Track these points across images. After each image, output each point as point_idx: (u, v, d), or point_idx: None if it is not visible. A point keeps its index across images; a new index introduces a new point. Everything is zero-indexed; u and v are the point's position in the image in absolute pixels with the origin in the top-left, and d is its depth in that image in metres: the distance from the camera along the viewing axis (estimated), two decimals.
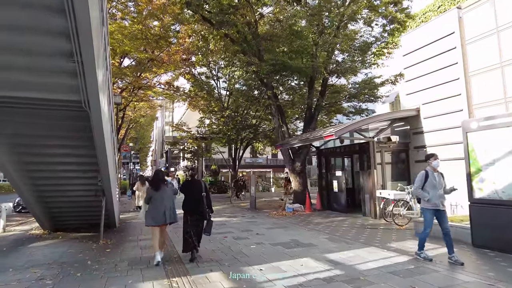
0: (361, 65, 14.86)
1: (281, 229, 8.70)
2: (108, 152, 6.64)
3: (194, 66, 22.47)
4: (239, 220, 10.67)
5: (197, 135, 25.31)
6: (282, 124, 15.04)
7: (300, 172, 14.59)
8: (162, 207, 5.53)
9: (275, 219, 10.69)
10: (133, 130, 43.41)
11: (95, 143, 6.11)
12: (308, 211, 12.03)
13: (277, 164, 36.90)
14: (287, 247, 6.52)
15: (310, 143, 12.67)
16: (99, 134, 5.83)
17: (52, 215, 8.74)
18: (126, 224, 10.60)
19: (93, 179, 7.48)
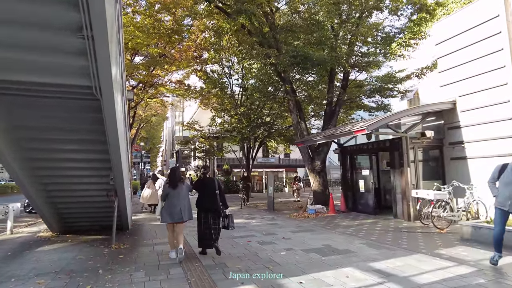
0: (385, 57, 14.02)
1: (307, 233, 7.94)
2: (122, 148, 5.98)
3: (206, 63, 21.91)
4: (259, 222, 9.94)
5: (209, 134, 24.72)
6: (300, 120, 14.27)
7: (320, 172, 13.82)
8: (179, 205, 5.56)
9: (297, 222, 9.92)
10: (144, 130, 43.26)
11: (108, 137, 5.45)
12: (332, 212, 11.23)
13: (290, 164, 36.11)
14: (322, 254, 5.76)
15: (332, 140, 11.87)
16: (111, 126, 5.16)
17: (61, 216, 8.13)
18: (139, 226, 9.96)
19: (105, 177, 6.84)
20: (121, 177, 6.54)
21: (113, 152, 5.86)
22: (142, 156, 32.75)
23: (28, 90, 4.56)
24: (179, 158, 47.25)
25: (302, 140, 12.36)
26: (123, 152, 6.27)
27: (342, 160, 12.11)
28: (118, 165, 6.23)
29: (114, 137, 5.43)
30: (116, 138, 5.47)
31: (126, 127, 7.80)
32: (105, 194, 6.98)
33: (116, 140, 5.52)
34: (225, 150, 24.36)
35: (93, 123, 5.50)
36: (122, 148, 6.14)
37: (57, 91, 4.62)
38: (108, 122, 5.07)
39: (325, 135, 10.53)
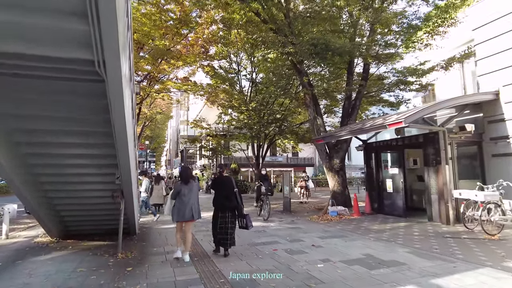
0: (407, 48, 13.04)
1: (338, 239, 7.00)
2: (129, 141, 5.10)
3: (214, 59, 21.07)
4: (278, 226, 9.02)
5: (217, 132, 23.85)
6: (317, 116, 13.32)
7: (339, 170, 12.86)
8: (189, 203, 5.53)
9: (321, 225, 9.00)
10: (148, 128, 42.56)
11: (113, 127, 4.56)
12: (357, 215, 10.28)
13: (298, 163, 35.16)
14: (368, 267, 4.83)
15: (355, 136, 10.91)
16: (118, 114, 4.27)
17: (61, 219, 7.27)
18: (147, 229, 9.09)
19: (110, 176, 5.97)
20: (128, 175, 5.66)
21: (120, 147, 4.98)
22: (147, 155, 31.89)
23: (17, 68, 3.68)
24: (184, 157, 46.50)
25: (322, 136, 11.41)
26: (130, 147, 5.38)
27: (366, 157, 11.15)
28: (125, 162, 5.35)
29: (121, 128, 4.55)
30: (123, 130, 4.59)
31: (134, 119, 6.93)
32: (110, 195, 6.10)
33: (123, 132, 4.64)
34: (232, 148, 23.47)
35: (97, 111, 4.62)
36: (130, 142, 5.26)
37: (52, 68, 3.73)
38: (114, 109, 4.17)
39: (352, 129, 9.57)
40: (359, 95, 13.21)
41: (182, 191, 5.56)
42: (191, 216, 5.55)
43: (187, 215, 5.50)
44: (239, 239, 7.19)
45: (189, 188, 5.61)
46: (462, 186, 8.45)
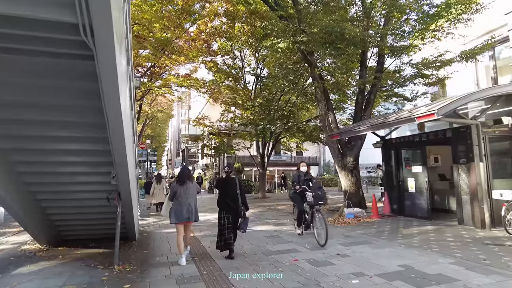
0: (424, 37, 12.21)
1: (364, 246, 6.18)
2: (126, 134, 4.29)
3: (216, 54, 20.32)
4: (293, 230, 8.19)
5: (220, 130, 23.01)
6: (328, 111, 12.50)
7: (353, 169, 12.04)
8: (186, 204, 5.41)
9: (340, 229, 8.17)
10: (149, 127, 41.84)
11: (106, 115, 3.74)
12: (376, 217, 9.45)
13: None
14: (414, 284, 3.99)
15: (373, 132, 10.08)
16: (111, 97, 3.46)
17: (52, 224, 6.47)
18: (148, 234, 8.29)
19: (106, 176, 5.16)
20: (126, 174, 4.85)
21: (114, 139, 4.16)
22: (149, 154, 31.10)
23: None
24: (186, 157, 45.78)
25: (339, 132, 10.56)
26: (128, 141, 4.58)
27: (384, 155, 10.31)
28: (122, 159, 4.54)
29: (115, 116, 3.74)
30: (117, 119, 3.78)
31: (133, 111, 6.12)
32: (105, 198, 5.30)
33: (117, 122, 3.82)
34: (236, 147, 22.63)
35: (88, 96, 3.81)
36: (127, 136, 4.45)
37: (35, 38, 2.92)
38: (106, 91, 3.36)
39: (373, 124, 8.71)
40: (373, 89, 12.37)
41: (179, 192, 5.43)
42: (188, 218, 5.41)
43: (184, 216, 5.36)
44: (250, 246, 6.40)
45: (186, 188, 5.47)
46: (497, 185, 7.61)
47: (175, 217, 5.37)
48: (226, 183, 5.90)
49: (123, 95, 3.86)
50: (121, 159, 4.49)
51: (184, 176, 5.65)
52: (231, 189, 5.76)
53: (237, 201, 5.72)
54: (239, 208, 5.73)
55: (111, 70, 3.09)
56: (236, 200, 5.72)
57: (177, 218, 5.36)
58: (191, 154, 48.26)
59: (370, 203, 13.05)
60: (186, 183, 5.54)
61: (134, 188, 6.40)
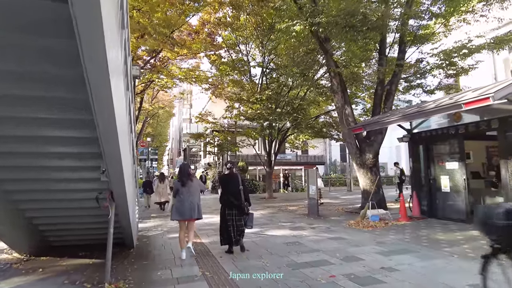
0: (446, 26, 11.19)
1: (408, 256, 5.12)
2: (120, 118, 3.24)
3: (220, 48, 19.29)
4: (314, 235, 7.14)
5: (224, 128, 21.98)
6: (346, 104, 11.44)
7: (372, 167, 11.01)
8: (188, 201, 5.40)
9: (367, 234, 7.12)
10: (150, 126, 40.91)
11: (89, 87, 2.67)
12: (404, 219, 8.39)
13: (308, 161, 33.26)
14: None
15: (399, 125, 9.03)
16: (95, 63, 2.39)
17: (33, 229, 5.43)
18: (149, 239, 7.24)
19: (96, 171, 4.11)
20: (119, 169, 3.80)
21: (102, 123, 3.10)
22: (149, 153, 30.05)
23: None
24: (187, 156, 44.80)
25: (363, 124, 9.50)
26: (122, 128, 3.54)
27: (412, 150, 9.23)
28: (114, 149, 3.48)
29: (102, 89, 2.67)
30: (107, 95, 2.72)
31: (130, 93, 5.06)
32: (94, 198, 4.24)
33: (106, 98, 2.76)
34: (240, 144, 21.56)
35: (68, 63, 2.75)
36: (121, 120, 3.41)
37: None
38: (87, 55, 2.30)
39: (406, 113, 7.60)
40: (395, 79, 11.32)
41: (181, 190, 5.43)
42: (190, 215, 5.37)
43: (186, 213, 5.35)
44: (271, 256, 5.35)
45: (188, 186, 5.46)
46: None
47: (177, 214, 5.38)
48: (228, 179, 5.86)
49: (113, 60, 2.82)
50: (112, 148, 3.44)
51: (185, 173, 5.61)
52: (234, 185, 5.71)
53: (240, 197, 5.65)
54: (242, 204, 5.65)
55: (95, 21, 2.03)
56: (239, 196, 5.65)
57: (179, 215, 5.37)
58: (193, 153, 47.33)
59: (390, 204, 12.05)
60: (187, 180, 5.51)
61: (132, 187, 5.35)
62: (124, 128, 4.01)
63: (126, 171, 4.18)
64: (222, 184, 6.04)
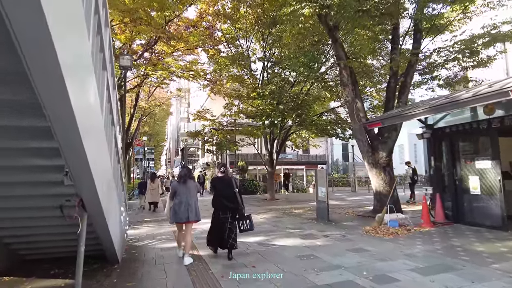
0: None
1: (452, 275, 4.17)
2: (82, 112, 2.28)
3: (219, 43, 18.34)
4: (330, 245, 6.17)
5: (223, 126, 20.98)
6: (356, 97, 10.51)
7: (386, 166, 10.11)
8: (186, 204, 5.29)
9: (389, 243, 6.16)
10: (147, 125, 39.94)
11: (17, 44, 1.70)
12: (428, 225, 7.44)
13: (310, 160, 32.29)
14: None
15: (419, 119, 8.08)
16: None
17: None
18: (138, 252, 6.26)
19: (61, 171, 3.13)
20: (86, 170, 2.81)
21: (53, 113, 2.13)
22: (146, 152, 29.02)
23: None
24: (185, 156, 43.81)
25: (381, 118, 8.49)
26: (88, 120, 2.57)
27: (433, 147, 8.26)
28: (75, 144, 2.50)
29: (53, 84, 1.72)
30: (59, 86, 1.76)
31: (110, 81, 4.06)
32: (58, 207, 3.26)
33: (58, 89, 1.81)
34: (240, 143, 20.60)
35: None
36: (85, 111, 2.45)
37: None
38: None
39: (433, 105, 6.59)
40: (410, 70, 10.39)
41: (178, 191, 5.36)
42: (188, 217, 5.26)
43: (183, 216, 5.25)
44: (284, 275, 4.40)
45: (186, 187, 5.39)
46: None
47: (174, 216, 5.29)
48: (222, 181, 5.68)
49: None
50: (72, 143, 2.46)
51: (185, 175, 5.54)
52: (228, 188, 5.55)
53: (235, 200, 5.51)
54: (239, 206, 5.51)
55: None
56: (235, 199, 5.51)
57: (176, 217, 5.28)
58: (191, 153, 46.39)
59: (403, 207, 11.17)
60: (186, 182, 5.44)
61: (113, 192, 4.37)
62: (95, 123, 3.04)
63: (100, 173, 3.21)
64: (215, 187, 5.75)
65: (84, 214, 3.35)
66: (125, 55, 9.72)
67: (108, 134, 3.99)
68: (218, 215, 5.51)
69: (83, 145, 2.54)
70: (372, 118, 12.18)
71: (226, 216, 5.47)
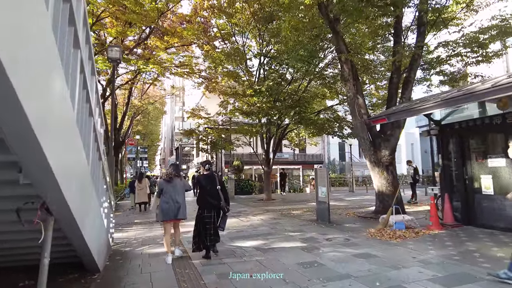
0: None
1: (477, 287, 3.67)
2: (44, 80, 1.72)
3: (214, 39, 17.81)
4: (334, 251, 5.63)
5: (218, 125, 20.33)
6: (358, 94, 10.03)
7: (389, 165, 9.65)
8: (174, 201, 5.30)
9: (400, 247, 5.65)
10: (141, 124, 39.25)
11: None
12: (437, 227, 6.96)
13: (306, 160, 31.83)
14: None
15: (427, 115, 7.61)
16: None
17: None
18: (123, 258, 5.68)
19: None
20: (45, 166, 2.25)
21: None
22: (138, 152, 28.30)
23: None
24: (179, 155, 43.14)
25: (387, 114, 7.93)
26: (52, 91, 2.01)
27: (442, 145, 7.79)
28: (24, 131, 1.94)
29: None
30: None
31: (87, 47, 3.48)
32: (15, 210, 2.69)
33: None
34: (235, 143, 19.98)
35: None
36: (44, 74, 1.88)
37: None
38: None
39: (445, 98, 6.06)
40: (414, 65, 9.91)
41: (165, 189, 5.35)
42: (175, 215, 5.29)
43: (171, 214, 5.26)
44: (287, 287, 3.85)
45: (173, 185, 5.39)
46: None
47: (162, 214, 5.27)
48: (206, 179, 5.60)
49: None
50: (19, 126, 1.89)
51: (172, 173, 5.50)
52: (212, 186, 5.50)
53: (219, 197, 5.45)
54: (221, 203, 5.44)
55: None
56: (218, 196, 5.45)
57: (164, 215, 5.25)
58: (185, 152, 45.76)
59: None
60: (173, 180, 5.42)
61: (88, 192, 3.78)
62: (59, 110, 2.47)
63: (68, 170, 2.65)
64: (200, 185, 5.66)
65: (50, 219, 2.79)
66: (114, 46, 9.10)
67: (83, 126, 3.43)
68: (203, 214, 5.41)
69: (36, 136, 1.98)
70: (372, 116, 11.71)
71: (211, 215, 5.40)
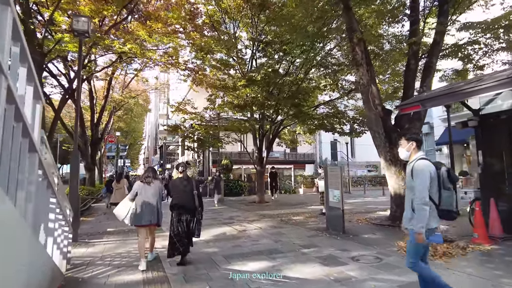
0: None
1: None
2: None
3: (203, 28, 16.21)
4: (369, 277, 4.18)
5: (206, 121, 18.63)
6: (371, 81, 8.67)
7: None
8: (150, 205, 5.02)
9: (455, 271, 4.22)
10: (123, 121, 37.12)
11: None
12: (485, 241, 5.60)
13: (297, 159, 30.44)
14: None
15: (462, 103, 6.26)
16: None
17: None
18: (86, 282, 4.07)
19: None
20: None
21: None
22: (119, 149, 26.26)
23: None
24: (164, 154, 41.18)
25: (420, 99, 6.46)
26: None
27: (482, 140, 6.44)
28: None
29: None
30: None
31: None
32: None
33: None
34: (225, 140, 18.23)
35: None
36: None
37: None
38: None
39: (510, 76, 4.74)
40: (435, 49, 8.63)
41: (140, 191, 5.06)
42: (150, 220, 4.96)
43: (145, 218, 4.94)
44: None
45: (150, 189, 5.10)
46: None
47: (135, 219, 4.94)
48: (181, 183, 5.27)
49: None
50: None
51: (149, 176, 5.23)
52: (188, 190, 5.19)
53: (193, 202, 5.16)
54: (196, 209, 5.18)
55: None
56: (193, 201, 5.16)
57: (137, 220, 4.94)
58: (170, 151, 43.81)
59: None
60: (150, 183, 5.15)
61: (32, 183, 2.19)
62: None
63: None
64: (174, 189, 5.34)
65: None
66: (80, 16, 7.38)
67: None
68: (178, 218, 5.10)
69: None
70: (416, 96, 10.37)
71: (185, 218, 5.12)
